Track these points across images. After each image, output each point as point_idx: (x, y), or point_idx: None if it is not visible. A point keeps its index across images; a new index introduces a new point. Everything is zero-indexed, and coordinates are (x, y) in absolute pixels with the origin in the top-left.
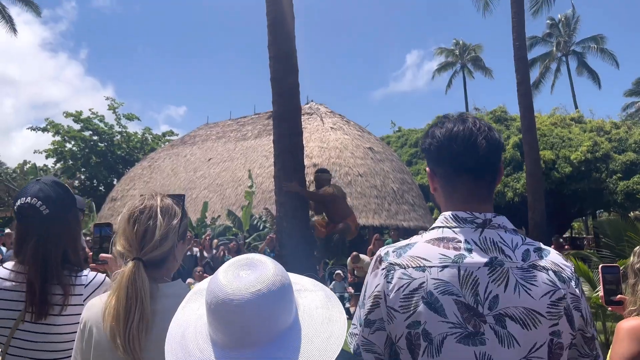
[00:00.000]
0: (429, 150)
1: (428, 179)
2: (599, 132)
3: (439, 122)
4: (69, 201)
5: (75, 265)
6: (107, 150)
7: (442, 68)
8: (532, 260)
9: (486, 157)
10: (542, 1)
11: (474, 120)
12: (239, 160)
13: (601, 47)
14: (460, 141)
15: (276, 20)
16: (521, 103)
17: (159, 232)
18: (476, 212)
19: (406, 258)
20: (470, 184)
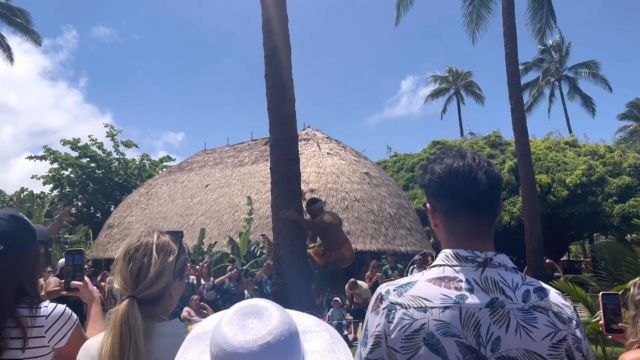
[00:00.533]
0: (428, 186)
1: (429, 215)
2: (593, 155)
3: (437, 158)
4: (26, 235)
5: (34, 297)
6: (104, 177)
7: (436, 94)
8: (532, 301)
9: (486, 193)
10: (544, 27)
11: (473, 156)
12: (236, 186)
13: (593, 72)
14: (461, 177)
15: (273, 51)
16: (515, 128)
17: (154, 270)
18: (477, 251)
19: (407, 297)
20: (470, 220)
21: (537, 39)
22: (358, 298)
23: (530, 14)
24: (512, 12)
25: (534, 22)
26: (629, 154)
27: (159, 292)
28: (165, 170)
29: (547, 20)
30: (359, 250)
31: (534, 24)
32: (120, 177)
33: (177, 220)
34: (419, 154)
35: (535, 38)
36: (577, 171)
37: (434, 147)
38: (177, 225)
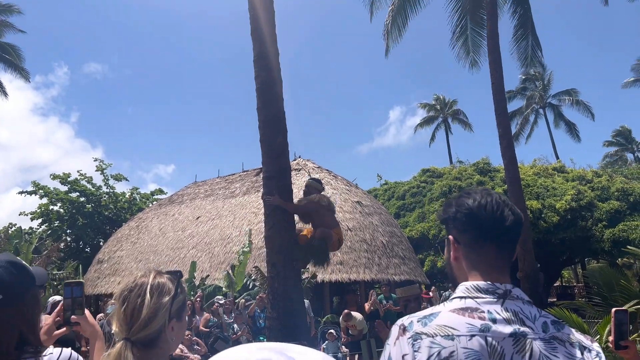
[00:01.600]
0: (454, 218)
1: (450, 248)
2: (581, 181)
3: (463, 193)
4: (26, 282)
5: (35, 345)
6: (94, 211)
7: (424, 122)
8: (551, 332)
9: (510, 229)
10: (531, 56)
11: (499, 195)
12: (227, 217)
13: (576, 99)
14: (490, 210)
15: (264, 85)
16: (504, 155)
17: (147, 311)
18: (497, 283)
19: (433, 327)
20: (493, 254)
21: (523, 67)
22: (353, 330)
23: (515, 44)
24: (497, 42)
25: (519, 51)
26: (616, 178)
27: (154, 334)
28: (156, 203)
29: (533, 49)
30: (353, 280)
31: (519, 53)
32: (110, 211)
33: (167, 253)
34: (409, 182)
35: (522, 67)
36: (566, 196)
37: (424, 175)
38: (168, 259)
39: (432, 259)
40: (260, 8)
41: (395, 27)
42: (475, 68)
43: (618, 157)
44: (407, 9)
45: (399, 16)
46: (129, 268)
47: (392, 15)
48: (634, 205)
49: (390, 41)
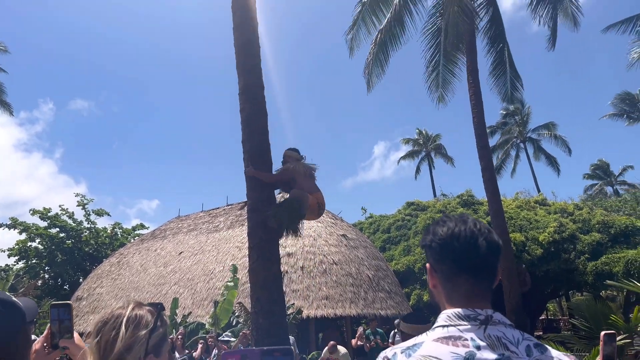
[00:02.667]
0: (430, 247)
1: (428, 275)
2: (563, 213)
3: (440, 221)
4: (16, 320)
5: None
6: (74, 247)
7: (408, 156)
8: (535, 355)
9: (486, 258)
10: (511, 90)
11: (474, 222)
12: (211, 252)
13: (555, 134)
14: (463, 240)
15: (249, 118)
16: (487, 188)
17: (121, 344)
18: (477, 309)
19: (417, 357)
20: (469, 284)
21: (504, 102)
22: None
23: (494, 79)
24: (477, 77)
25: (498, 87)
26: (596, 211)
27: None
28: (138, 238)
29: (513, 84)
30: (338, 316)
31: (499, 89)
32: (90, 247)
33: (149, 290)
34: (394, 215)
35: (503, 102)
36: (548, 229)
37: (409, 208)
38: (149, 295)
39: (418, 292)
40: (246, 43)
41: (377, 63)
42: (442, 103)
43: (598, 190)
44: (388, 46)
45: (380, 52)
46: (108, 305)
47: (374, 51)
48: (615, 238)
49: (374, 77)
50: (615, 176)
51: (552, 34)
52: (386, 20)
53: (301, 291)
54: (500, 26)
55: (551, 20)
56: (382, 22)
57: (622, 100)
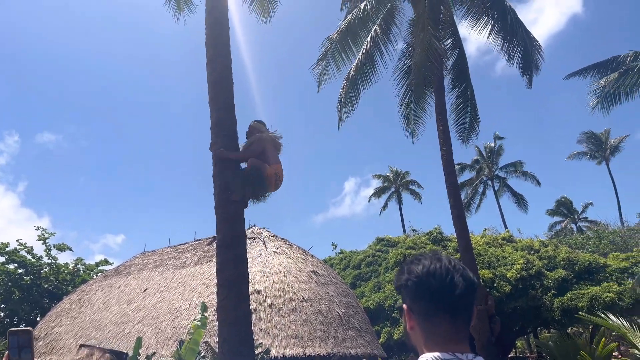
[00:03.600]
0: (406, 286)
1: (405, 317)
2: (529, 250)
3: (414, 259)
4: None
5: None
6: (32, 283)
7: (378, 192)
8: None
9: (463, 296)
10: (468, 130)
11: (449, 259)
12: (177, 289)
13: (522, 171)
14: (439, 278)
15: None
16: (456, 225)
17: None
18: (458, 353)
19: None
20: (447, 323)
21: (460, 141)
22: None
23: (455, 118)
24: (445, 116)
25: (457, 125)
26: (561, 248)
27: None
28: (101, 274)
29: (472, 124)
30: (308, 355)
31: (457, 127)
32: (50, 283)
33: (111, 329)
34: (364, 251)
35: (459, 140)
36: (516, 265)
37: (379, 244)
38: (111, 335)
39: (388, 330)
40: (218, 78)
41: (348, 100)
42: (414, 137)
43: (563, 227)
44: (359, 84)
45: (351, 90)
46: (67, 345)
47: (345, 88)
48: (580, 274)
49: (344, 113)
50: (578, 213)
51: (527, 73)
52: (357, 59)
53: (270, 330)
54: (465, 67)
55: (522, 61)
56: (351, 59)
57: (587, 138)
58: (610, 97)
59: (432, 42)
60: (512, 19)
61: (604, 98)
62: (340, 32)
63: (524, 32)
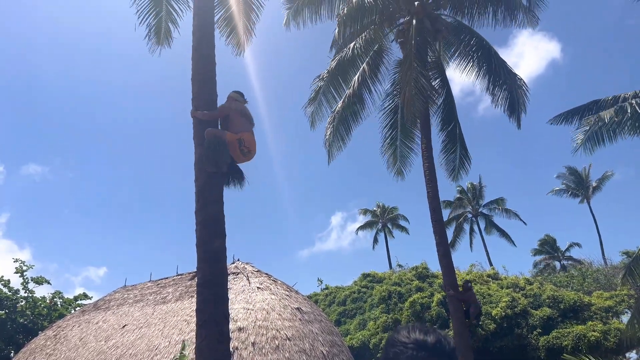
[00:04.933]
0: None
1: None
2: (514, 288)
3: (402, 330)
4: None
5: None
6: (7, 318)
7: (365, 227)
8: None
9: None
10: (458, 168)
11: (435, 330)
12: (157, 326)
13: (505, 208)
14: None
15: (205, 186)
16: (442, 262)
17: None
18: None
19: None
20: None
21: (451, 179)
22: None
23: (445, 156)
24: (431, 154)
25: (447, 164)
26: (546, 286)
27: None
28: (79, 309)
29: (462, 161)
30: None
31: (447, 166)
32: (26, 318)
33: None
34: (350, 287)
35: (449, 178)
36: (501, 303)
37: (365, 280)
38: None
39: None
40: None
41: (337, 136)
42: (400, 176)
43: (547, 265)
44: (350, 121)
45: (341, 126)
46: None
47: (334, 125)
48: (565, 313)
49: (334, 149)
50: (562, 252)
51: (514, 114)
52: (345, 96)
53: None
54: (453, 106)
55: (509, 102)
56: (341, 96)
57: (569, 173)
58: (594, 138)
59: (419, 79)
60: (495, 61)
61: (587, 139)
62: (330, 71)
63: (507, 72)
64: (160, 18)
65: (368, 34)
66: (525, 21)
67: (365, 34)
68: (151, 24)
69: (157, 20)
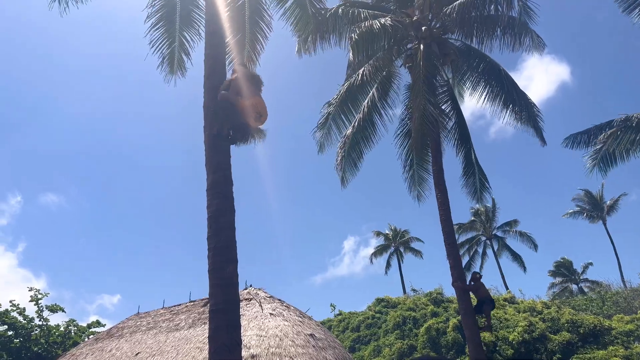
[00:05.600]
0: None
1: None
2: (532, 312)
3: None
4: None
5: None
6: (22, 346)
7: (378, 251)
8: None
9: None
10: (480, 190)
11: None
12: (170, 353)
13: (519, 231)
14: None
15: (216, 213)
16: (456, 286)
17: None
18: None
19: None
20: None
21: (474, 201)
22: None
23: (465, 179)
24: (442, 177)
25: (468, 186)
26: (564, 309)
27: None
28: (93, 337)
29: (482, 183)
30: None
31: (469, 189)
32: (40, 346)
33: None
34: (363, 312)
35: (473, 201)
36: (518, 328)
37: (379, 305)
38: None
39: None
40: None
41: (350, 161)
42: (421, 200)
43: (564, 288)
44: (361, 145)
45: (352, 151)
46: None
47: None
48: (585, 337)
49: (347, 174)
50: (578, 274)
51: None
52: (356, 120)
53: None
54: (466, 129)
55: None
56: (351, 121)
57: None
58: (607, 158)
59: (427, 106)
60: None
61: (601, 160)
62: (339, 96)
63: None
64: (173, 49)
65: (376, 61)
66: (532, 45)
67: (373, 60)
68: (164, 53)
69: (170, 51)
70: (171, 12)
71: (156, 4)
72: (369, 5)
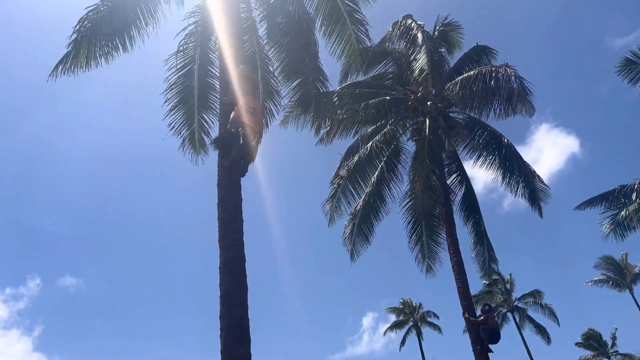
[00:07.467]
0: None
1: None
2: None
3: None
4: None
5: None
6: None
7: (395, 326)
8: None
9: None
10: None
11: None
12: None
13: (540, 302)
14: None
15: (229, 291)
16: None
17: None
18: None
19: None
20: None
21: (482, 273)
22: None
23: (475, 251)
24: (457, 248)
25: (478, 257)
26: None
27: None
28: None
29: (490, 254)
30: None
31: (478, 260)
32: None
33: None
34: None
35: (481, 273)
36: None
37: None
38: None
39: None
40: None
41: (360, 234)
42: (430, 273)
43: None
44: (371, 218)
45: (363, 224)
46: None
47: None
48: None
49: (358, 247)
50: (608, 346)
51: (535, 203)
52: (366, 195)
53: None
54: (475, 201)
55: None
56: (360, 195)
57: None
58: (623, 224)
59: (430, 175)
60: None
61: (617, 225)
62: (349, 170)
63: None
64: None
65: (383, 136)
66: (524, 110)
67: (380, 135)
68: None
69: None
70: (189, 96)
71: (173, 89)
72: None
